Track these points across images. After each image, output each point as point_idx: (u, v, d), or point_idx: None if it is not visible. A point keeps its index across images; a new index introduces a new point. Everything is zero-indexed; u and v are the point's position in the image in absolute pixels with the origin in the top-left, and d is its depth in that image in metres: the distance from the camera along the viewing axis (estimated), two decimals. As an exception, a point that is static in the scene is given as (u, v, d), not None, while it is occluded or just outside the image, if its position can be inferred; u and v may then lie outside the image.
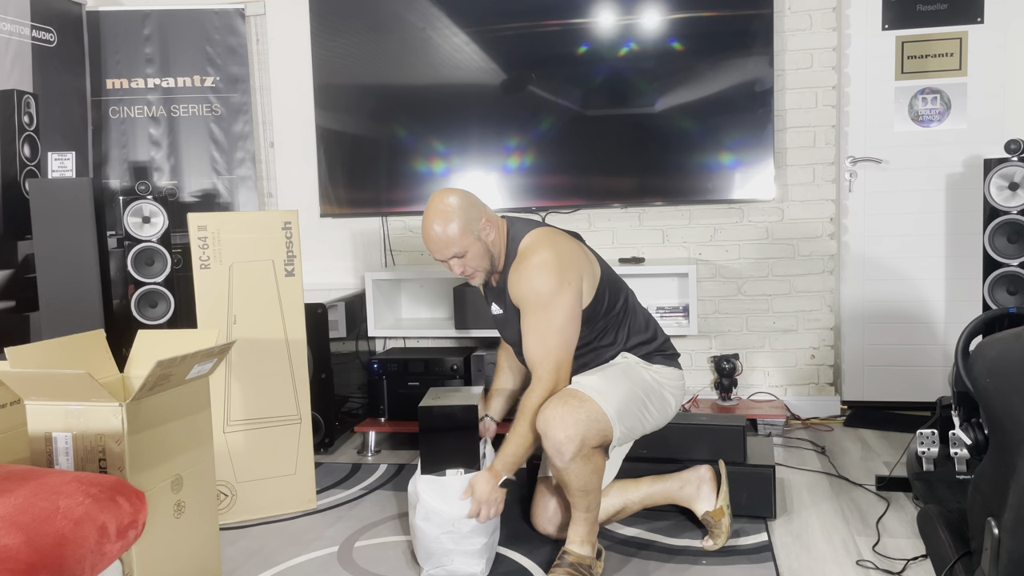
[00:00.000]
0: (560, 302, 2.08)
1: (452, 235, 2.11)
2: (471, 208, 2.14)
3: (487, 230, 2.16)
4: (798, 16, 3.48)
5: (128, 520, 1.65)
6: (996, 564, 1.42)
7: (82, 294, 3.11)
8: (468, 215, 2.12)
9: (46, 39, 3.55)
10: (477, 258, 2.16)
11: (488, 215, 2.18)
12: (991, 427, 1.51)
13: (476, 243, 2.14)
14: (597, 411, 2.06)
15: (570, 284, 2.09)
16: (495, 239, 2.18)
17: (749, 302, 3.62)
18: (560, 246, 2.14)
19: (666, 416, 2.30)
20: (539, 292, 2.08)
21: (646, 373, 2.25)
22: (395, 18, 3.57)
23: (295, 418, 2.68)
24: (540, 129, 3.51)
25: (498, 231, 2.20)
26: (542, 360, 2.09)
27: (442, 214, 2.11)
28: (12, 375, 1.81)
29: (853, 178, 3.59)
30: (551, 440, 2.02)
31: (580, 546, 2.10)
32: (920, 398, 3.56)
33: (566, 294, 2.08)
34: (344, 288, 3.87)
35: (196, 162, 3.88)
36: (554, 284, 2.07)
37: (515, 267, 2.15)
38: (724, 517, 2.28)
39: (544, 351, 2.09)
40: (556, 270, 2.08)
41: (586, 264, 2.18)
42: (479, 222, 2.14)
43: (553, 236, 2.18)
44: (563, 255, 2.12)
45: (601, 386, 2.12)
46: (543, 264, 2.08)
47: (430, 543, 2.10)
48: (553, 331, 2.07)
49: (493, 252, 2.19)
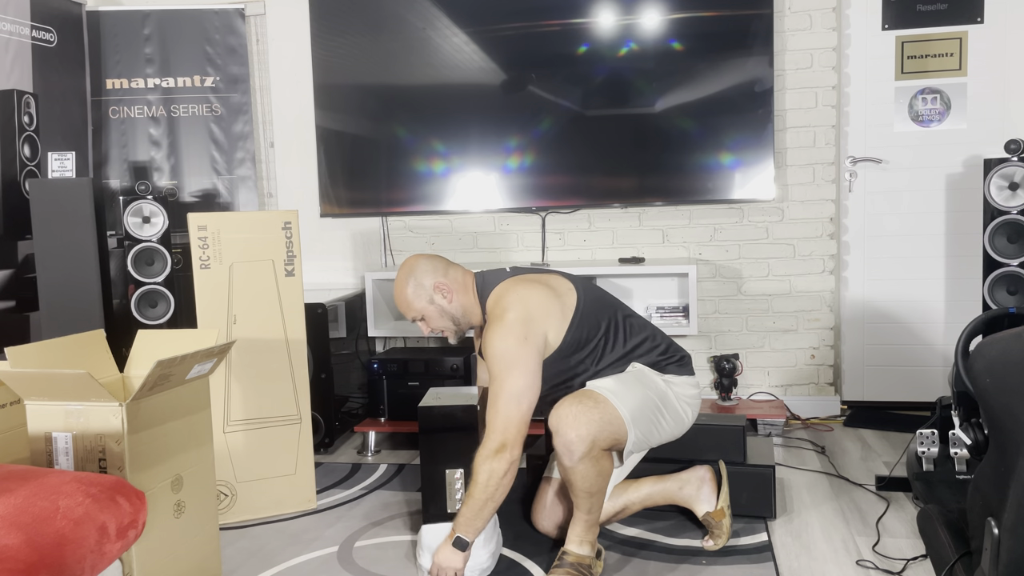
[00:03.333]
0: (513, 361, 2.06)
1: (406, 299, 2.26)
2: (425, 274, 2.25)
3: (441, 293, 2.24)
4: (798, 16, 3.48)
5: (128, 520, 1.65)
6: (996, 564, 1.42)
7: (82, 294, 3.11)
8: (419, 281, 2.24)
9: (46, 39, 3.55)
10: (435, 319, 2.26)
11: (446, 279, 2.25)
12: (991, 427, 1.51)
13: (429, 306, 2.24)
14: (611, 413, 2.06)
15: (527, 339, 2.09)
16: (456, 300, 2.25)
17: (749, 302, 3.62)
18: (519, 302, 2.14)
19: (681, 426, 2.27)
20: (495, 355, 2.08)
21: (660, 382, 2.22)
22: (395, 18, 3.57)
23: (295, 418, 2.68)
24: (540, 129, 3.51)
25: (463, 291, 2.26)
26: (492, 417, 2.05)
27: (399, 281, 2.27)
28: (12, 375, 1.81)
29: (853, 178, 3.59)
30: (562, 438, 2.01)
31: (579, 546, 2.10)
32: (920, 398, 3.56)
33: (524, 351, 2.07)
34: (344, 288, 3.87)
35: (196, 162, 3.88)
36: (511, 343, 2.08)
37: (485, 331, 2.18)
38: (725, 518, 2.28)
39: (495, 409, 2.05)
40: (512, 330, 2.09)
41: (552, 307, 2.17)
42: (432, 287, 2.24)
43: (515, 288, 2.19)
44: (520, 314, 2.12)
45: (616, 388, 2.12)
46: (500, 327, 2.10)
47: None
48: (504, 389, 2.05)
49: (454, 313, 2.26)
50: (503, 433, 2.03)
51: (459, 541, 2.05)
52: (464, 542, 2.05)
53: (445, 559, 2.06)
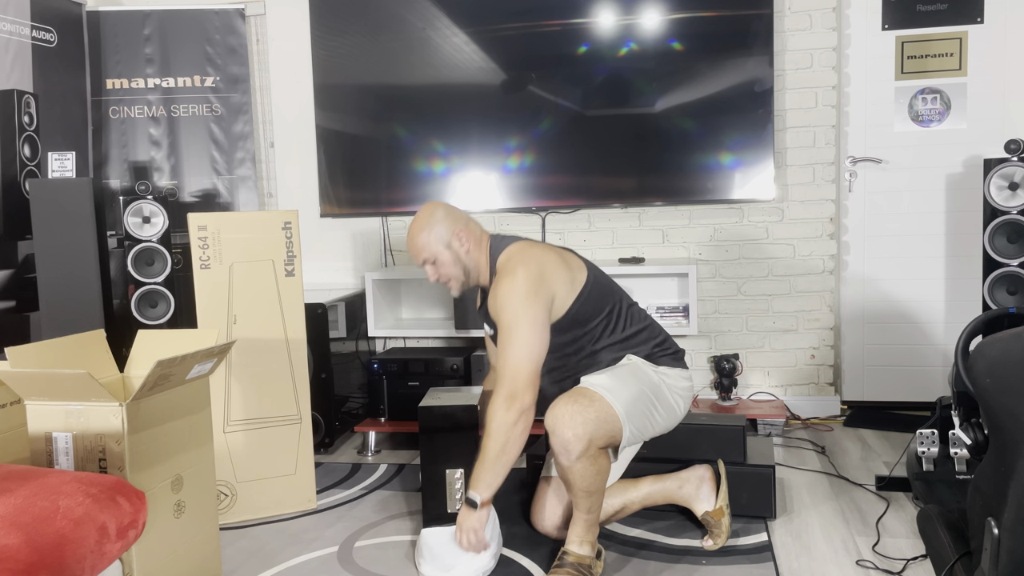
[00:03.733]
0: (523, 313, 2.09)
1: (423, 242, 2.26)
2: (447, 219, 2.27)
3: (460, 241, 2.26)
4: (798, 16, 3.48)
5: (128, 520, 1.65)
6: (996, 564, 1.42)
7: (82, 294, 3.11)
8: (441, 225, 2.26)
9: (46, 39, 3.55)
10: (447, 265, 2.28)
11: (466, 229, 2.28)
12: (991, 427, 1.51)
13: (445, 251, 2.26)
14: (607, 410, 2.07)
15: (536, 295, 2.11)
16: (471, 251, 2.28)
17: (749, 302, 3.62)
18: (532, 260, 2.17)
19: (674, 418, 2.29)
20: (505, 306, 2.11)
21: (653, 374, 2.24)
22: (395, 18, 3.57)
23: (295, 418, 2.68)
24: (540, 129, 3.51)
25: (477, 246, 2.29)
26: (502, 365, 2.09)
27: (418, 222, 2.28)
28: (12, 375, 1.81)
29: (853, 178, 3.59)
30: (559, 438, 2.02)
31: (579, 546, 2.10)
32: (920, 398, 3.56)
33: (529, 306, 2.10)
34: (344, 288, 3.87)
35: (196, 162, 3.88)
36: (518, 297, 2.10)
37: (492, 286, 2.21)
38: (724, 517, 2.28)
39: (505, 357, 2.08)
40: (524, 284, 2.11)
41: (562, 274, 2.20)
42: (452, 232, 2.26)
43: (528, 249, 2.22)
44: (532, 270, 2.14)
45: (611, 384, 2.13)
46: (510, 280, 2.13)
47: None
48: (515, 338, 2.08)
49: (467, 263, 2.28)
50: (512, 382, 2.05)
51: (468, 500, 2.07)
52: (473, 501, 2.06)
53: (470, 520, 2.08)
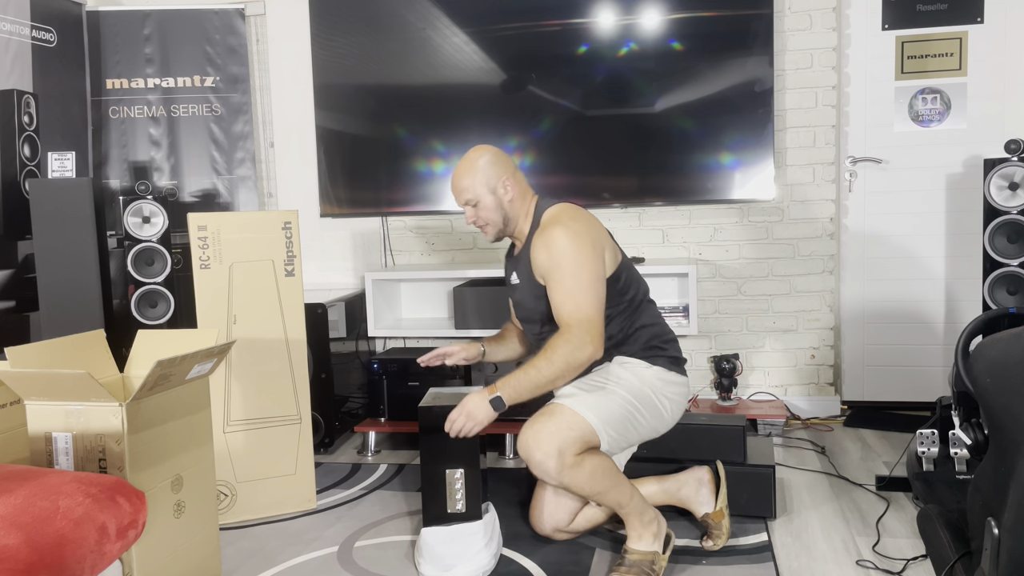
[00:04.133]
0: (586, 260, 2.05)
1: (468, 183, 2.22)
2: (496, 164, 2.22)
3: (505, 189, 2.22)
4: (798, 16, 3.48)
5: (128, 520, 1.65)
6: (996, 564, 1.42)
7: (82, 294, 3.11)
8: (490, 169, 2.21)
9: (46, 39, 3.55)
10: (488, 210, 2.23)
11: (513, 178, 2.23)
12: (991, 427, 1.51)
13: (489, 195, 2.22)
14: (570, 417, 2.02)
15: (593, 247, 2.08)
16: (513, 200, 2.24)
17: (749, 302, 3.62)
18: (583, 218, 2.16)
19: (662, 422, 2.22)
20: (563, 252, 2.06)
21: (633, 378, 2.18)
22: (395, 18, 3.57)
23: (295, 418, 2.68)
24: (540, 129, 3.51)
25: (521, 197, 2.25)
26: (572, 311, 2.02)
27: (467, 162, 2.24)
28: (12, 375, 1.81)
29: (853, 178, 3.59)
30: (531, 463, 2.00)
31: (638, 541, 2.09)
32: (920, 398, 3.56)
33: (590, 253, 2.07)
34: (344, 288, 3.87)
35: (196, 162, 3.88)
36: (578, 246, 2.06)
37: (538, 234, 2.15)
38: (724, 519, 2.28)
39: (574, 303, 2.03)
40: (579, 236, 2.08)
41: (608, 241, 2.19)
42: (499, 178, 2.21)
43: (579, 211, 2.19)
44: (585, 224, 2.13)
45: (573, 391, 2.10)
46: (565, 229, 2.08)
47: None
48: (581, 284, 2.03)
49: (508, 212, 2.24)
50: (588, 326, 2.01)
51: (498, 401, 2.02)
52: (502, 404, 2.02)
53: (477, 409, 2.02)
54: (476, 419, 2.03)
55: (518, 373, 2.02)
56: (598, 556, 2.23)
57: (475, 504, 2.17)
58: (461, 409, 2.04)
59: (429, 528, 2.17)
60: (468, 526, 2.15)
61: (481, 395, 2.03)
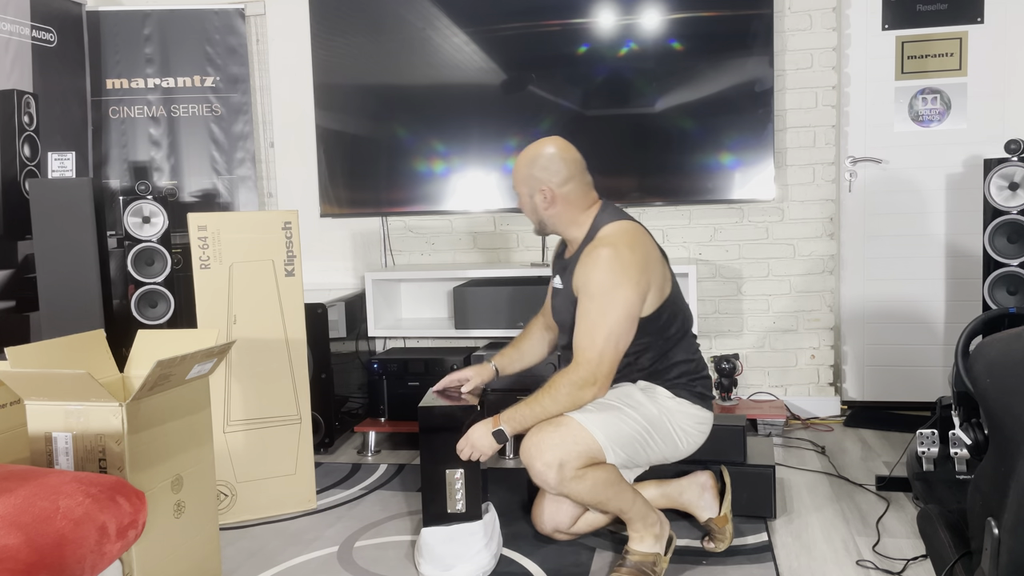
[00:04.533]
0: (619, 297, 2.00)
1: (516, 173, 2.21)
2: (544, 170, 2.15)
3: (544, 197, 2.15)
4: (798, 16, 3.48)
5: (128, 520, 1.65)
6: (996, 564, 1.42)
7: (82, 294, 3.11)
8: (536, 172, 2.16)
9: (46, 39, 3.55)
10: (525, 208, 2.23)
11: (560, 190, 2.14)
12: (991, 427, 1.51)
13: (527, 198, 2.19)
14: (577, 431, 1.99)
15: (636, 284, 2.01)
16: (556, 211, 2.17)
17: (749, 302, 3.62)
18: (639, 246, 2.07)
19: (675, 452, 2.17)
20: (601, 282, 2.00)
21: (651, 404, 2.12)
22: (395, 18, 3.57)
23: (295, 418, 2.68)
24: (540, 129, 3.51)
25: (570, 207, 2.16)
26: (585, 348, 2.01)
27: (526, 153, 2.20)
28: (12, 375, 1.81)
29: (853, 178, 3.59)
30: (532, 471, 1.99)
31: (640, 542, 2.08)
32: (920, 398, 3.56)
33: (627, 291, 2.00)
34: (344, 288, 3.87)
35: (196, 162, 3.88)
36: (619, 278, 2.00)
37: (588, 248, 2.09)
38: (728, 524, 2.27)
39: (590, 340, 2.00)
40: (626, 266, 2.01)
41: (658, 275, 2.10)
42: (540, 185, 2.15)
43: (636, 234, 2.10)
44: (638, 255, 2.04)
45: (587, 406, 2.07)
46: (614, 256, 2.02)
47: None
48: (606, 323, 1.99)
49: (544, 219, 2.19)
50: (597, 367, 2.00)
51: (500, 434, 2.05)
52: (504, 437, 2.05)
53: (480, 440, 2.06)
54: (480, 450, 2.07)
55: (521, 406, 2.05)
56: (598, 556, 2.23)
57: (475, 504, 2.17)
58: (467, 440, 2.08)
59: (429, 528, 2.17)
60: (468, 526, 2.15)
61: (485, 426, 2.07)
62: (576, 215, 2.18)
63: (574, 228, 2.19)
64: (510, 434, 2.06)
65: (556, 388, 2.02)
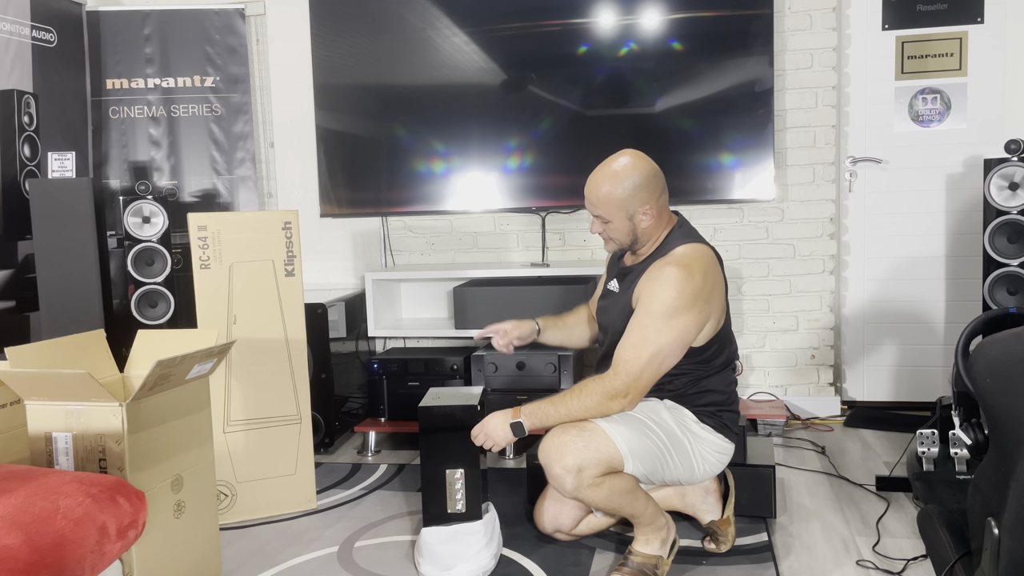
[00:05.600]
0: (678, 322, 1.97)
1: (609, 200, 2.06)
2: (643, 189, 2.06)
3: (645, 216, 2.08)
4: (798, 16, 3.48)
5: (128, 520, 1.65)
6: (996, 564, 1.42)
7: (82, 294, 3.11)
8: (635, 194, 2.06)
9: (46, 39, 3.55)
10: (618, 232, 2.11)
11: (657, 204, 2.09)
12: (991, 427, 1.51)
13: (626, 221, 2.08)
14: (600, 439, 1.97)
15: (698, 312, 1.99)
16: (648, 228, 2.10)
17: (749, 302, 3.62)
18: (709, 275, 2.04)
19: (691, 475, 2.13)
20: (665, 301, 1.97)
21: (676, 425, 2.10)
22: (395, 18, 3.57)
23: (295, 418, 2.68)
24: (540, 129, 3.51)
25: (657, 222, 2.11)
26: (628, 360, 1.97)
27: (612, 176, 2.06)
28: (12, 375, 1.81)
29: (853, 178, 3.59)
30: (550, 475, 1.98)
31: (645, 544, 2.07)
32: (920, 398, 3.56)
33: (688, 318, 1.98)
34: (344, 288, 3.87)
35: (196, 162, 3.88)
36: (684, 302, 1.97)
37: (660, 262, 2.05)
38: (730, 527, 2.26)
39: (636, 354, 1.97)
40: (694, 292, 1.98)
41: (717, 307, 2.08)
42: (643, 206, 2.06)
43: (709, 262, 2.07)
44: (708, 284, 2.02)
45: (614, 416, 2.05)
46: (686, 279, 1.98)
47: None
48: (655, 342, 1.96)
49: (639, 237, 2.12)
50: (634, 382, 1.96)
51: (519, 426, 2.01)
52: (522, 430, 2.02)
53: (495, 430, 2.03)
54: (494, 439, 2.05)
55: (545, 403, 2.01)
56: (599, 557, 2.23)
57: (475, 504, 2.17)
58: (482, 427, 2.06)
59: (429, 528, 2.17)
60: (468, 526, 2.15)
61: (504, 416, 2.03)
62: (659, 231, 2.14)
63: (650, 245, 2.15)
64: (528, 429, 2.02)
65: (586, 393, 1.99)
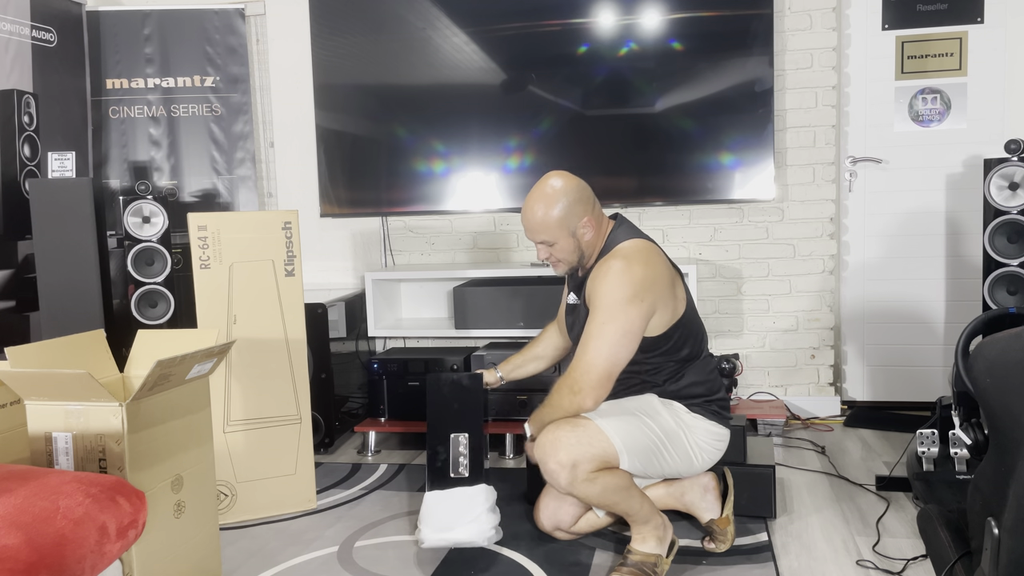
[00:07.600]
0: (620, 312, 2.00)
1: (547, 223, 2.10)
2: (577, 203, 2.11)
3: (586, 229, 2.13)
4: (798, 16, 3.48)
5: (128, 520, 1.65)
6: (996, 564, 1.42)
7: (82, 294, 3.11)
8: (571, 209, 2.10)
9: (46, 39, 3.55)
10: (565, 252, 2.15)
11: (593, 214, 2.15)
12: (991, 427, 1.51)
13: (569, 239, 2.12)
14: (594, 434, 2.00)
15: (642, 301, 2.02)
16: (591, 239, 2.15)
17: (749, 302, 3.62)
18: (651, 264, 2.08)
19: (690, 467, 2.18)
20: (607, 293, 2.02)
21: (670, 419, 2.14)
22: (395, 18, 3.57)
23: (295, 418, 2.68)
24: (540, 129, 3.51)
25: (598, 231, 2.17)
26: (579, 355, 2.04)
27: (545, 199, 2.11)
28: (12, 375, 1.81)
29: (853, 178, 3.59)
30: (544, 470, 2.00)
31: (643, 543, 2.08)
32: (920, 398, 3.56)
33: (632, 307, 2.01)
34: (344, 288, 3.87)
35: (196, 162, 3.88)
36: (627, 292, 2.01)
37: (603, 260, 2.10)
38: (730, 525, 2.27)
39: (583, 348, 2.03)
40: (634, 281, 2.02)
41: (668, 294, 2.10)
42: (580, 219, 2.11)
43: (650, 253, 2.11)
44: (649, 273, 2.05)
45: (607, 409, 2.08)
46: (625, 271, 2.03)
47: None
48: (601, 334, 2.01)
49: (585, 251, 2.17)
50: (582, 377, 2.01)
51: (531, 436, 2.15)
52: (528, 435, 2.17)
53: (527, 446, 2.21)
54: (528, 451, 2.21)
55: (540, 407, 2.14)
56: (598, 556, 2.23)
57: (478, 470, 2.19)
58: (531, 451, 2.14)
59: (432, 492, 2.19)
60: (469, 489, 2.18)
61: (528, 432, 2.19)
62: (599, 239, 2.19)
63: (594, 252, 2.19)
64: (532, 433, 2.11)
65: (557, 392, 2.09)
